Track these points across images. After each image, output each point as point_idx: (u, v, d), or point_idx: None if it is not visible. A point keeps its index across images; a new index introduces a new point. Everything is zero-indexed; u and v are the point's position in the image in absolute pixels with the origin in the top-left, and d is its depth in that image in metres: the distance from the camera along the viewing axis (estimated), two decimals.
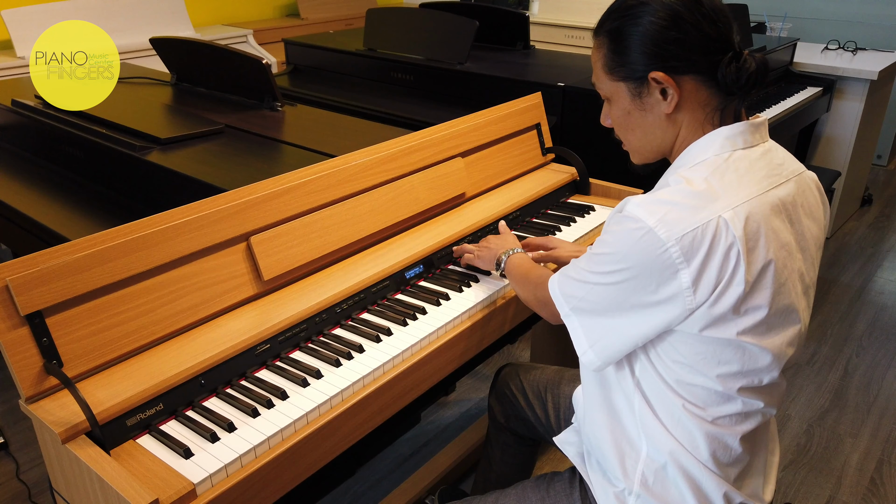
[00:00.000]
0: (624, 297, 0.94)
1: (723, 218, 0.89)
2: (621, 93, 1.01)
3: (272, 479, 0.98)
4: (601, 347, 0.99)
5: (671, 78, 0.95)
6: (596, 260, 0.97)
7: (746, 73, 0.94)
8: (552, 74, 2.45)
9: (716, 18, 0.94)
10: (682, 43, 0.94)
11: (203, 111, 1.92)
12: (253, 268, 1.22)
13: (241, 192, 1.22)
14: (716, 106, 0.98)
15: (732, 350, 0.94)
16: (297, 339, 1.18)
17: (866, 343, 2.66)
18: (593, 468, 1.12)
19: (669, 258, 0.88)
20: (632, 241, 0.91)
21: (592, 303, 0.98)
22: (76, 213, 1.55)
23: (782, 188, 0.97)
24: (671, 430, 0.99)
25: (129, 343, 1.06)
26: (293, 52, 3.00)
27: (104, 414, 0.95)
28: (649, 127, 1.02)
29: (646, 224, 0.89)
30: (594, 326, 0.99)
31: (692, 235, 0.88)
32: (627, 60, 0.98)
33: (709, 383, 0.95)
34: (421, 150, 1.52)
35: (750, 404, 0.98)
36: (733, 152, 0.96)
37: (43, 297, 0.98)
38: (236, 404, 1.04)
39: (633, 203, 0.93)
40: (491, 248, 1.37)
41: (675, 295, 0.90)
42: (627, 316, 0.95)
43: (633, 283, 0.92)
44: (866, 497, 1.94)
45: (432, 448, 2.04)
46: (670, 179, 0.97)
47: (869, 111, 3.33)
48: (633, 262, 0.91)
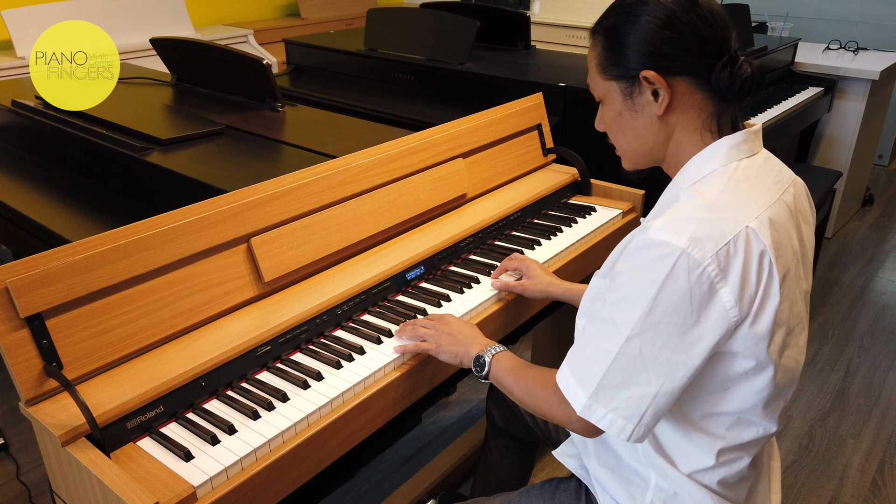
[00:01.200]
0: (664, 340, 0.84)
1: (750, 227, 0.86)
2: (613, 93, 0.99)
3: (273, 482, 0.97)
4: (651, 416, 0.87)
5: (663, 78, 0.93)
6: (620, 307, 0.86)
7: (741, 79, 0.92)
8: (553, 74, 2.45)
9: (713, 21, 0.92)
10: (676, 43, 0.92)
11: (203, 112, 1.91)
12: (253, 269, 1.21)
13: (241, 193, 1.21)
14: (712, 112, 0.95)
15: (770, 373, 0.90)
16: (298, 341, 1.18)
17: (868, 344, 2.65)
18: (598, 488, 1.11)
19: (708, 278, 0.83)
20: (665, 269, 0.83)
21: (624, 371, 0.86)
22: (77, 214, 1.55)
23: (788, 194, 0.96)
24: (679, 465, 0.97)
25: (130, 345, 1.06)
26: (294, 53, 3.00)
27: (104, 416, 0.95)
28: (640, 129, 0.99)
29: (677, 246, 0.83)
30: (631, 399, 0.86)
31: (726, 250, 0.84)
32: (621, 59, 0.96)
33: (735, 411, 0.93)
34: (422, 151, 1.52)
35: (768, 427, 0.96)
36: (739, 162, 0.94)
37: (43, 300, 0.97)
38: (237, 406, 1.03)
39: (656, 228, 0.86)
40: (456, 337, 1.15)
41: (718, 318, 0.84)
42: (670, 364, 0.85)
43: (671, 318, 0.84)
44: (868, 498, 1.94)
45: (433, 449, 2.04)
46: (682, 195, 0.92)
47: (870, 111, 3.33)
48: (669, 292, 0.83)
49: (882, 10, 4.20)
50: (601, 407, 0.88)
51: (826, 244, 3.41)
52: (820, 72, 3.26)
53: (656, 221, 0.88)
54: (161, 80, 2.24)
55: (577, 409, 0.89)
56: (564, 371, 0.93)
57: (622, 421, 0.87)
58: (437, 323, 1.18)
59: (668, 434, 0.97)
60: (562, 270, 1.49)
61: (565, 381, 0.92)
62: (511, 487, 1.27)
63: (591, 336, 0.90)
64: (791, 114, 2.92)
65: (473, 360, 1.11)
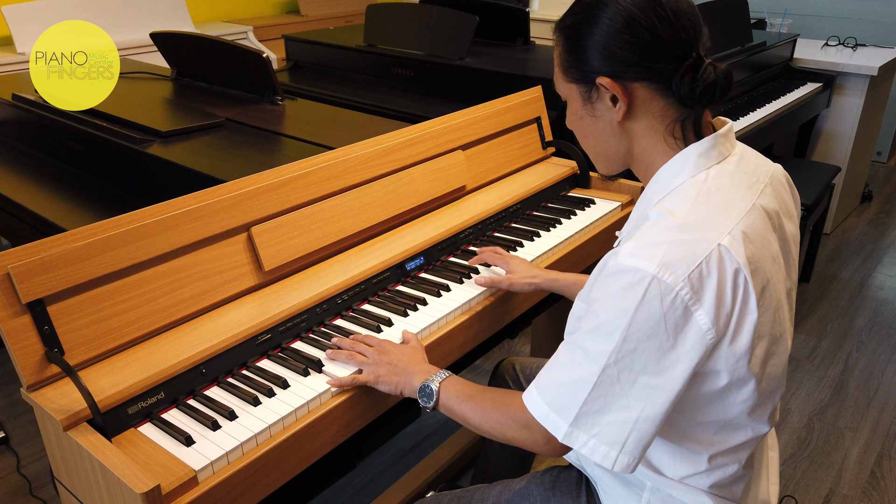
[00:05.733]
0: (641, 366, 0.82)
1: (723, 246, 0.83)
2: (574, 96, 0.96)
3: (273, 467, 0.98)
4: (634, 443, 0.84)
5: (618, 85, 0.89)
6: (595, 336, 0.84)
7: (703, 84, 0.86)
8: (552, 70, 2.44)
9: (675, 22, 0.87)
10: (634, 47, 0.87)
11: (203, 105, 1.92)
12: (254, 258, 1.22)
13: (242, 182, 1.22)
14: (675, 118, 0.91)
15: (754, 384, 0.89)
16: (298, 330, 1.18)
17: (866, 338, 2.66)
18: (598, 482, 1.11)
19: (682, 302, 0.80)
20: (636, 296, 0.81)
21: (603, 397, 0.84)
22: (77, 207, 1.55)
23: (764, 196, 0.92)
24: (670, 473, 0.97)
25: (131, 332, 1.07)
26: (293, 49, 3.00)
27: (106, 402, 0.95)
28: (601, 134, 0.96)
29: (647, 272, 0.80)
30: (612, 425, 0.84)
31: (698, 271, 0.81)
32: (579, 62, 0.92)
33: (720, 420, 0.92)
34: (421, 143, 1.52)
35: (758, 429, 0.95)
36: (709, 170, 0.90)
37: (44, 285, 0.98)
38: (237, 393, 1.04)
39: (624, 255, 0.83)
40: (397, 366, 1.07)
41: (695, 341, 0.82)
42: (649, 389, 0.83)
43: (646, 345, 0.81)
44: (866, 490, 1.95)
45: (433, 442, 2.04)
46: (651, 213, 0.88)
47: (869, 107, 3.34)
48: (642, 320, 0.81)
49: (880, 7, 4.21)
50: (583, 433, 0.85)
51: (825, 240, 3.42)
52: (819, 68, 3.26)
53: (626, 246, 0.84)
54: (161, 75, 2.24)
55: (559, 437, 0.86)
56: (535, 398, 0.89)
57: (605, 447, 0.84)
58: (375, 351, 1.09)
59: (656, 443, 0.95)
60: (561, 262, 1.50)
61: (540, 411, 0.88)
62: (511, 479, 1.28)
63: (567, 363, 0.88)
64: (790, 109, 2.93)
65: (419, 391, 1.04)
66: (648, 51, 0.87)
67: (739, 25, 2.99)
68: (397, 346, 1.12)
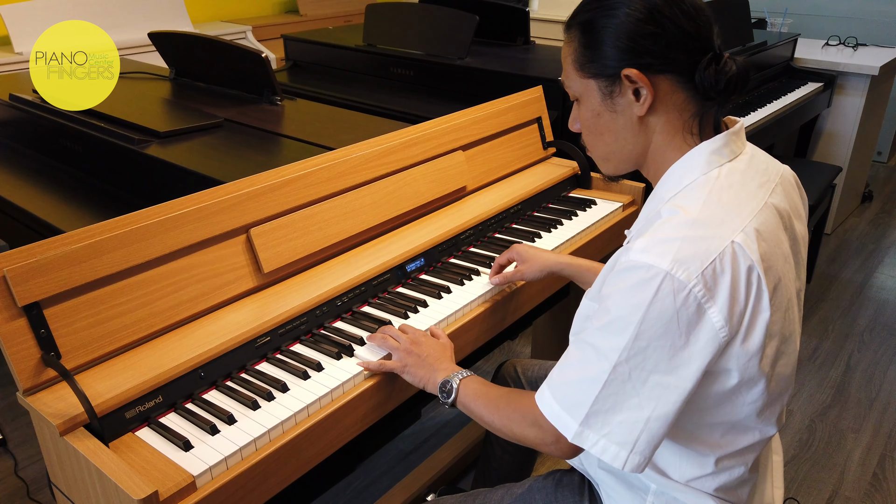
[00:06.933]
0: (653, 364, 0.81)
1: (736, 242, 0.82)
2: (591, 92, 0.94)
3: (272, 472, 0.97)
4: (645, 443, 0.83)
5: (646, 76, 0.88)
6: (606, 333, 0.83)
7: (726, 77, 0.87)
8: (553, 70, 2.44)
9: (696, 16, 0.88)
10: (659, 38, 0.87)
11: (202, 105, 1.91)
12: (253, 260, 1.21)
13: (240, 183, 1.21)
14: (694, 112, 0.91)
15: (763, 384, 0.89)
16: (298, 332, 1.17)
17: (868, 339, 2.65)
18: (600, 486, 1.10)
19: (695, 299, 0.79)
20: (648, 293, 0.80)
21: (614, 395, 0.83)
22: (74, 208, 1.54)
23: (775, 195, 0.92)
24: (676, 475, 0.96)
25: (128, 335, 1.05)
26: (292, 49, 2.99)
27: (103, 406, 0.94)
28: (620, 131, 0.94)
29: (660, 269, 0.80)
30: (623, 424, 0.83)
31: (712, 268, 0.80)
32: (599, 55, 0.91)
33: (728, 421, 0.92)
34: (421, 143, 1.51)
35: (765, 431, 0.94)
36: (721, 167, 0.90)
37: (41, 288, 0.97)
38: (236, 397, 1.03)
39: (636, 250, 0.83)
40: (425, 360, 1.09)
41: (708, 339, 0.81)
42: (661, 388, 0.82)
43: (659, 343, 0.81)
44: (869, 492, 1.94)
45: (433, 444, 2.03)
46: (663, 210, 0.88)
47: (870, 107, 3.33)
48: (654, 317, 0.80)
49: (881, 7, 4.20)
50: (593, 433, 0.84)
51: (826, 240, 3.41)
52: (819, 67, 3.26)
53: (638, 242, 0.84)
54: (159, 75, 2.23)
55: (569, 437, 0.86)
56: (547, 397, 0.89)
57: (615, 447, 0.84)
58: (408, 340, 1.12)
59: (662, 445, 0.94)
60: None
61: (551, 410, 0.88)
62: (512, 481, 1.27)
63: (577, 361, 0.87)
64: (790, 109, 2.92)
65: (439, 387, 1.06)
66: (673, 43, 0.87)
67: (740, 25, 2.98)
68: (430, 339, 1.14)
